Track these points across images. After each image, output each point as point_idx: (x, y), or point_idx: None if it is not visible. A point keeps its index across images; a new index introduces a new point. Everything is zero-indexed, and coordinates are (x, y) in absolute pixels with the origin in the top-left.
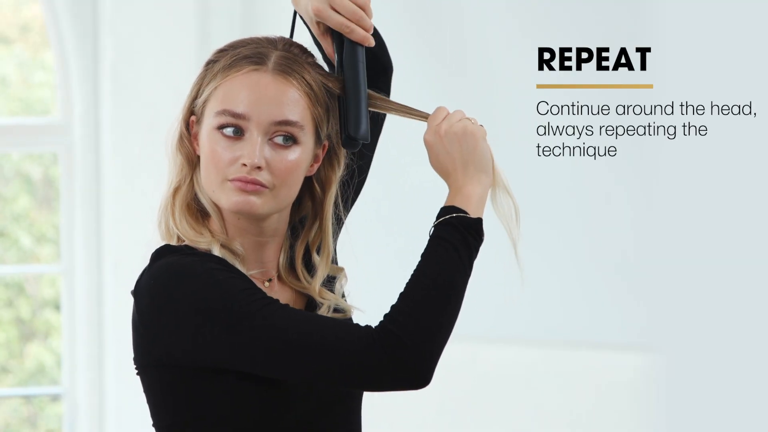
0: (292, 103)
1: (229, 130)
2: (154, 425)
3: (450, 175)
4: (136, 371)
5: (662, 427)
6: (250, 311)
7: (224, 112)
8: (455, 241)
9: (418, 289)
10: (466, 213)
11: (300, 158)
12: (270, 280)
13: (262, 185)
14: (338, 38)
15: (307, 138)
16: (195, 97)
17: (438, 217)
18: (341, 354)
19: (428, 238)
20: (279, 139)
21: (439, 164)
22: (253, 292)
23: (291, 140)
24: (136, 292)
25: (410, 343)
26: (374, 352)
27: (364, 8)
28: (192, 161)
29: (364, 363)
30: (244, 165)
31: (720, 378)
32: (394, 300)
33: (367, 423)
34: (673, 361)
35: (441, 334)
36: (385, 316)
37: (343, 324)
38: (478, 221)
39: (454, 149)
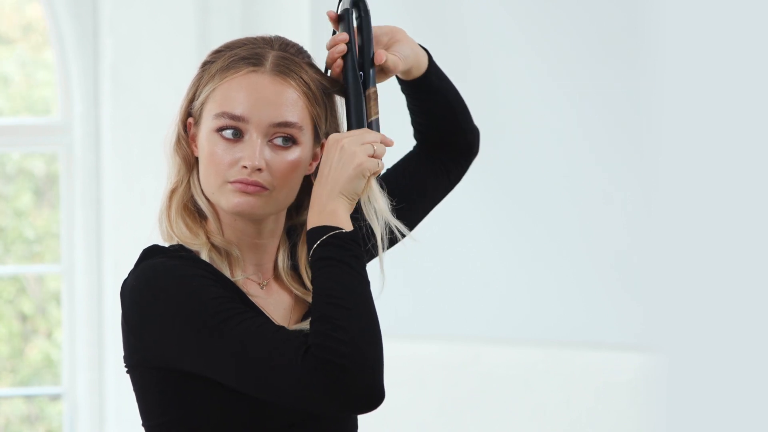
0: (291, 104)
1: (228, 133)
2: (143, 424)
3: (318, 189)
4: (126, 370)
5: (661, 427)
6: (216, 322)
7: (223, 115)
8: (344, 258)
9: (334, 312)
10: (340, 229)
11: (300, 158)
12: (266, 283)
13: (263, 187)
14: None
15: (306, 138)
16: (192, 99)
17: (313, 240)
18: (294, 383)
19: (311, 261)
20: (278, 141)
21: (319, 171)
22: (222, 302)
23: (290, 141)
24: (121, 293)
25: (355, 368)
26: (324, 385)
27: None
28: (189, 163)
29: (320, 396)
30: (245, 167)
31: (720, 378)
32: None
33: (367, 423)
34: (672, 361)
35: (377, 348)
36: (317, 346)
37: (299, 348)
38: (354, 233)
39: (334, 166)
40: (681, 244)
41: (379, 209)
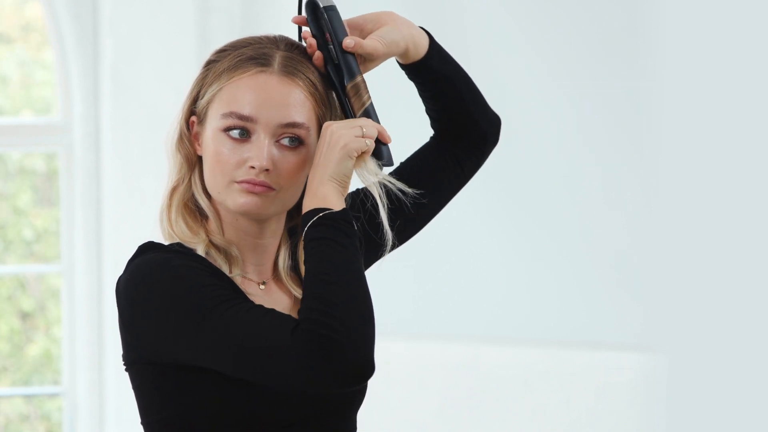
0: (299, 104)
1: (235, 132)
2: (142, 422)
3: (311, 176)
4: (125, 367)
5: (661, 427)
6: (209, 309)
7: (230, 115)
8: (333, 236)
9: (325, 288)
10: (329, 209)
11: (305, 159)
12: (265, 283)
13: (270, 187)
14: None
15: (312, 139)
16: (196, 98)
17: (304, 223)
18: (286, 361)
19: (303, 244)
20: (285, 141)
21: (314, 157)
22: (213, 289)
23: (297, 141)
24: (116, 291)
25: (345, 341)
26: (316, 359)
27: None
28: (191, 161)
29: (312, 371)
30: (252, 167)
31: (720, 378)
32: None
33: (366, 423)
34: (672, 361)
35: (368, 322)
36: (308, 321)
37: (288, 326)
38: (344, 212)
39: (323, 151)
40: (681, 244)
41: (373, 176)
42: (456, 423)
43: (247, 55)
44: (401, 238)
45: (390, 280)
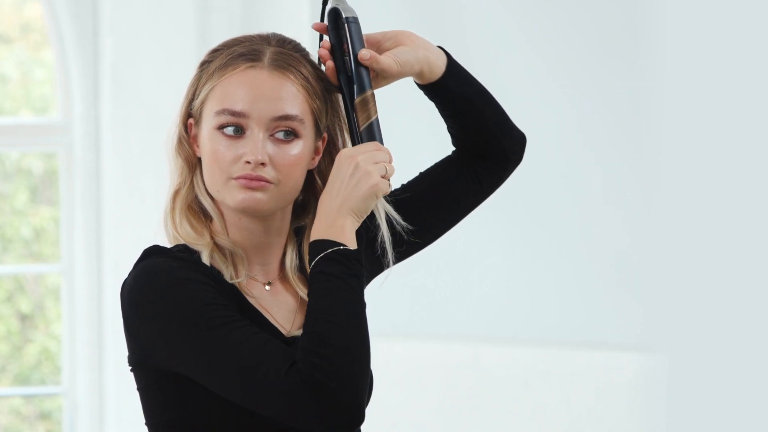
0: (291, 97)
1: (229, 129)
2: (146, 423)
3: (327, 202)
4: (130, 368)
5: (661, 427)
6: (207, 328)
7: (223, 112)
8: (344, 275)
9: (326, 329)
10: (343, 245)
11: (302, 152)
12: (270, 283)
13: (267, 181)
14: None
15: (307, 131)
16: (192, 99)
17: (316, 252)
18: (276, 396)
19: (311, 272)
20: (280, 135)
21: (329, 184)
22: (216, 308)
23: (292, 134)
24: (121, 293)
25: (339, 389)
26: (306, 401)
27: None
28: (192, 163)
29: (299, 412)
30: (248, 162)
31: (720, 378)
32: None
33: (366, 423)
34: (672, 361)
35: (364, 370)
36: (305, 362)
37: (285, 362)
38: (358, 252)
39: (347, 182)
40: (681, 244)
41: (384, 216)
42: (456, 423)
43: (238, 52)
44: (405, 256)
45: (390, 280)
